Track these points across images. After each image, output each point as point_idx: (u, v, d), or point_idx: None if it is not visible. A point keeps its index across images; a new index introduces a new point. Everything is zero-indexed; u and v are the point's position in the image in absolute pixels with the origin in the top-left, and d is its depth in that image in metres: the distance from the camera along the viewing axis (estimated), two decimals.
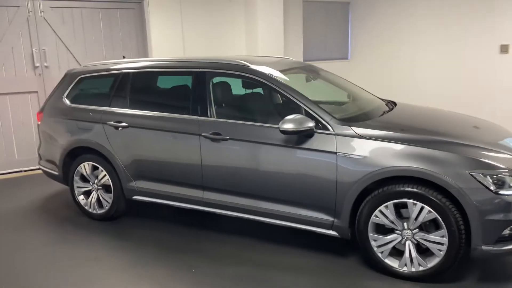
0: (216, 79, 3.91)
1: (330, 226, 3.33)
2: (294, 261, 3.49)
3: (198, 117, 3.74)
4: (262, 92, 4.27)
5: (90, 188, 4.41)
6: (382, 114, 3.68)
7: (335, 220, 3.29)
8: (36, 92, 6.36)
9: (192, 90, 3.85)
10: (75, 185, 4.47)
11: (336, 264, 3.43)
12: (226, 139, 3.59)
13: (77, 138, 4.32)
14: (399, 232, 3.11)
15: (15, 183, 5.81)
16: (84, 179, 4.44)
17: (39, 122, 4.73)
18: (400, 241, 3.13)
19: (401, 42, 7.93)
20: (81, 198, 4.48)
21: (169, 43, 7.07)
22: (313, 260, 3.49)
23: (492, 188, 2.84)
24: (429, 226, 3.06)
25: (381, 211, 3.11)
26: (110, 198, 4.28)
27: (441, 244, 2.98)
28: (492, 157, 2.99)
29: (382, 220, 3.13)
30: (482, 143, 3.16)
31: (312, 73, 4.27)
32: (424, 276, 3.08)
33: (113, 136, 4.13)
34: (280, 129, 3.24)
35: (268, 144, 3.43)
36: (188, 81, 3.96)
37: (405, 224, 3.09)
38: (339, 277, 3.25)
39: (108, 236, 4.08)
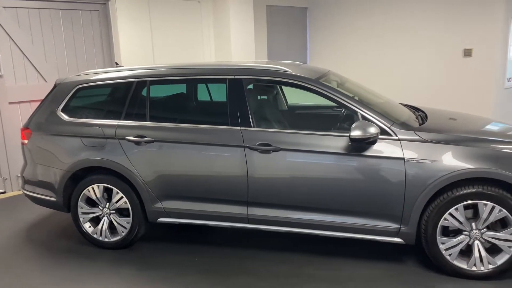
0: (250, 86, 3.67)
1: (396, 234, 3.27)
2: (360, 273, 3.37)
3: (240, 128, 3.45)
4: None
5: (100, 213, 3.86)
6: (423, 119, 3.71)
7: (402, 227, 3.24)
8: None
9: (229, 99, 3.55)
10: (80, 211, 3.89)
11: (399, 271, 3.38)
12: (278, 150, 3.36)
13: (84, 158, 3.76)
14: (467, 233, 3.15)
15: None
16: (91, 203, 3.87)
17: (25, 141, 4.04)
18: (468, 242, 3.17)
19: (358, 47, 8.22)
20: (87, 225, 3.91)
21: (138, 47, 6.55)
22: (376, 270, 3.40)
23: None
24: (495, 224, 3.14)
25: (451, 214, 3.13)
26: (128, 222, 3.78)
27: (511, 241, 3.07)
28: None
29: (451, 222, 3.14)
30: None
31: (337, 79, 4.20)
32: (494, 274, 3.16)
33: (133, 153, 3.65)
34: (351, 137, 3.11)
35: (329, 153, 3.28)
36: (218, 88, 3.66)
37: (473, 224, 3.13)
38: (409, 283, 3.21)
39: (133, 267, 3.60)
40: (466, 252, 3.20)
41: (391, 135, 3.21)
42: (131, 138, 3.65)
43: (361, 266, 3.46)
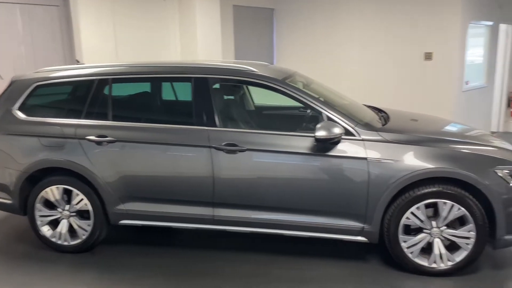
0: (216, 86, 3.63)
1: (360, 232, 3.31)
2: (324, 272, 3.39)
3: (206, 128, 3.41)
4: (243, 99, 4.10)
5: (59, 216, 3.71)
6: (386, 120, 3.77)
7: (365, 225, 3.28)
8: None
9: (194, 98, 3.49)
10: (38, 214, 3.72)
11: (363, 269, 3.43)
12: (244, 150, 3.33)
13: (42, 158, 3.60)
14: (428, 231, 3.23)
15: None
16: (49, 206, 3.72)
17: None
18: (428, 240, 3.25)
19: (324, 49, 8.32)
20: (45, 229, 3.75)
21: (101, 44, 6.35)
22: (340, 269, 3.43)
23: (510, 182, 3.12)
24: (454, 222, 3.24)
25: (412, 213, 3.20)
26: (89, 225, 3.66)
27: (469, 238, 3.18)
28: (500, 153, 3.29)
29: (413, 221, 3.22)
30: (481, 140, 3.49)
31: (303, 80, 4.21)
32: (452, 271, 3.25)
33: (94, 153, 3.54)
34: (316, 137, 3.13)
35: (295, 154, 3.28)
36: (184, 87, 3.60)
37: (433, 223, 3.22)
38: (372, 281, 3.26)
39: (95, 271, 3.48)
40: (427, 249, 3.28)
41: (355, 136, 3.26)
42: (92, 137, 3.53)
43: (325, 265, 3.49)
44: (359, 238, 3.33)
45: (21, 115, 3.73)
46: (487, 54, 8.16)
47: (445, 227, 3.21)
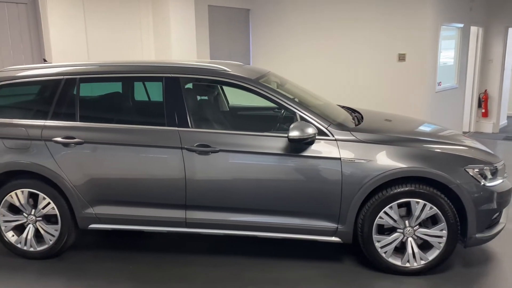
0: (188, 85, 3.56)
1: (334, 233, 3.30)
2: (299, 273, 3.36)
3: (177, 128, 3.33)
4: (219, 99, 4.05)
5: (25, 221, 3.56)
6: (359, 120, 3.77)
7: (339, 226, 3.27)
8: None
9: (165, 98, 3.41)
10: (1, 219, 3.57)
11: (337, 270, 3.42)
12: (217, 151, 3.27)
13: (6, 161, 3.46)
14: (401, 231, 3.24)
15: None
16: (14, 210, 3.57)
17: None
18: (401, 239, 3.26)
19: (299, 49, 8.33)
20: (10, 234, 3.60)
21: (71, 44, 6.17)
22: (314, 270, 3.40)
23: (481, 181, 3.16)
24: (427, 221, 3.26)
25: (385, 212, 3.20)
26: (56, 230, 3.53)
27: (441, 237, 3.20)
28: (470, 152, 3.33)
29: (386, 220, 3.22)
30: (449, 139, 3.54)
31: (277, 80, 4.18)
32: (425, 269, 3.27)
33: (61, 155, 3.41)
34: (289, 137, 3.09)
35: (268, 154, 3.24)
36: (156, 87, 3.52)
37: (406, 222, 3.23)
38: (346, 282, 3.24)
39: (63, 278, 3.36)
40: (400, 249, 3.29)
41: (328, 136, 3.24)
42: (58, 139, 3.41)
43: (300, 266, 3.46)
44: (333, 238, 3.32)
45: None
46: (458, 56, 8.32)
47: (418, 226, 3.22)
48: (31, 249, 3.58)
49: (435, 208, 3.15)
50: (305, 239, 3.36)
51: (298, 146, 3.21)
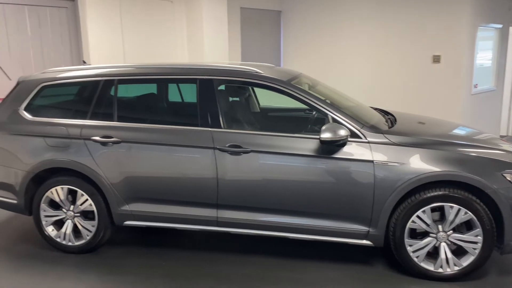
0: (222, 87, 3.62)
1: (365, 236, 3.28)
2: (327, 275, 3.36)
3: (210, 129, 3.40)
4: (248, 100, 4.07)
5: (64, 216, 3.72)
6: (393, 122, 3.73)
7: (371, 229, 3.25)
8: None
9: (199, 99, 3.49)
10: (43, 214, 3.73)
11: (367, 273, 3.39)
12: (248, 152, 3.32)
13: (48, 158, 3.61)
14: (434, 235, 3.18)
15: None
16: (54, 206, 3.73)
17: None
18: (434, 244, 3.20)
19: (331, 51, 8.28)
20: (50, 229, 3.76)
21: (108, 46, 6.38)
22: (344, 272, 3.39)
23: None
24: (461, 226, 3.19)
25: (418, 216, 3.16)
26: (93, 226, 3.66)
27: (476, 243, 3.13)
28: (508, 156, 3.24)
29: (419, 225, 3.17)
30: (487, 143, 3.44)
31: (309, 81, 4.19)
32: (459, 276, 3.20)
33: (99, 154, 3.54)
34: (321, 139, 3.10)
35: (300, 156, 3.26)
36: (190, 89, 3.60)
37: (439, 227, 3.17)
38: (376, 285, 3.22)
39: (98, 272, 3.48)
40: (433, 254, 3.24)
41: (361, 138, 3.23)
42: (97, 138, 3.54)
43: (328, 268, 3.45)
44: (364, 241, 3.30)
45: (27, 115, 3.75)
46: (496, 57, 8.07)
47: (452, 231, 3.16)
48: (69, 243, 3.72)
49: (470, 213, 3.08)
50: (335, 241, 3.35)
51: (329, 148, 3.21)
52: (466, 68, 6.93)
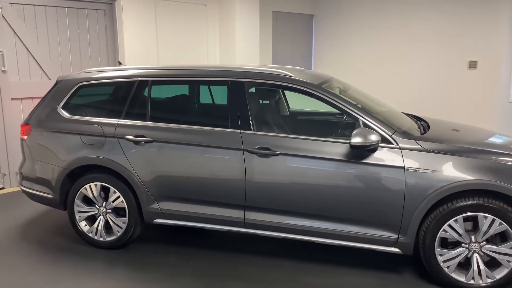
0: (252, 90, 3.65)
1: (394, 243, 3.22)
2: (354, 281, 3.32)
3: (240, 131, 3.43)
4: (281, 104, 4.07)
5: (96, 212, 3.83)
6: (425, 129, 3.66)
7: (400, 236, 3.19)
8: None
9: (230, 101, 3.52)
10: (76, 209, 3.86)
11: (395, 281, 3.33)
12: (277, 154, 3.33)
13: (83, 156, 3.74)
14: (466, 246, 3.10)
15: None
16: (88, 202, 3.85)
17: (25, 136, 4.02)
18: (466, 255, 3.12)
19: (363, 55, 8.20)
20: (83, 224, 3.88)
21: (143, 47, 6.54)
22: (370, 279, 3.35)
23: None
24: (495, 238, 3.09)
25: (450, 226, 3.08)
26: (124, 222, 3.75)
27: (510, 255, 3.02)
28: None
29: (450, 234, 3.10)
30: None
31: (340, 85, 4.17)
32: None
33: (132, 152, 3.63)
34: (351, 143, 3.08)
35: (329, 160, 3.24)
36: (221, 91, 3.64)
37: (472, 237, 3.08)
38: None
39: (127, 268, 3.56)
40: (465, 265, 3.15)
41: (392, 144, 3.18)
42: (130, 137, 3.63)
43: (355, 274, 3.41)
44: (393, 249, 3.24)
45: (65, 113, 3.89)
46: None
47: (485, 242, 3.07)
48: (101, 239, 3.83)
49: (505, 224, 2.98)
50: (363, 248, 3.31)
51: (360, 153, 3.18)
52: (504, 74, 6.72)
